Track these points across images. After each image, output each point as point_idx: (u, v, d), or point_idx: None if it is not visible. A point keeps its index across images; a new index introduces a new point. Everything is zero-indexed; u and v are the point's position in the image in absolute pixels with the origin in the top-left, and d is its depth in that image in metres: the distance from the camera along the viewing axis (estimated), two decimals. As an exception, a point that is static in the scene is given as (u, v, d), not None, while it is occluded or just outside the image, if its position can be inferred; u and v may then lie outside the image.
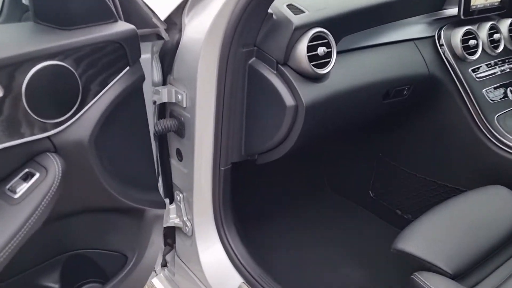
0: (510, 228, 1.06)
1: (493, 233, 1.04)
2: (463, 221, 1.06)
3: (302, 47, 0.99)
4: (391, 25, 1.23)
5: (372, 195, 1.62)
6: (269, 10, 0.99)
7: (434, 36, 1.31)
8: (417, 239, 1.00)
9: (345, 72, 1.10)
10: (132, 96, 0.88)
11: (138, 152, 0.95)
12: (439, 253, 0.96)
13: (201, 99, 1.01)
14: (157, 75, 1.07)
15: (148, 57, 0.99)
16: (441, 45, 1.30)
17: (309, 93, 1.01)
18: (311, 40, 0.99)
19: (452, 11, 1.30)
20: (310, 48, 0.99)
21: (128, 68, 0.85)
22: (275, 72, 1.01)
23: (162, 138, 1.15)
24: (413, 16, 1.27)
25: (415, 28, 1.29)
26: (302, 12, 1.01)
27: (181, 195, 1.20)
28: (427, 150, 1.44)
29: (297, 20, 0.98)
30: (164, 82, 1.08)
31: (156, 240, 1.03)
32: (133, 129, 0.93)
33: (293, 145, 1.05)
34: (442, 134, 1.37)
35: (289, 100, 1.00)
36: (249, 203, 1.50)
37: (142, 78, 0.89)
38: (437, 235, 1.01)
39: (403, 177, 1.51)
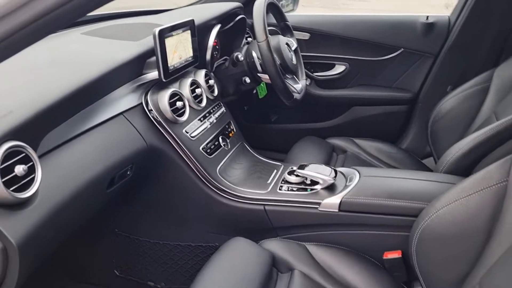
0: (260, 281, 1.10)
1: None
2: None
3: (-10, 171, 0.76)
4: (97, 104, 1.10)
5: (118, 273, 1.48)
6: None
7: (142, 103, 1.25)
8: None
9: (58, 177, 0.92)
10: None
11: None
12: None
13: None
14: None
15: None
16: (150, 110, 1.25)
17: (16, 227, 0.79)
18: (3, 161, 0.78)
19: (153, 74, 1.26)
20: (4, 170, 0.78)
21: None
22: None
23: None
24: (116, 89, 1.16)
25: (121, 101, 1.20)
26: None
27: None
28: (163, 215, 1.39)
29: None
30: None
31: None
32: None
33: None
34: (175, 198, 1.35)
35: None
36: None
37: None
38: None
39: (146, 247, 1.43)
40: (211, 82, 1.50)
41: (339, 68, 2.12)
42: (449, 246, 1.05)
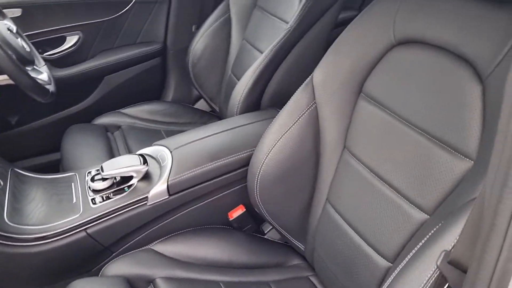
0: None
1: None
2: None
3: None
4: None
5: None
6: None
7: None
8: None
9: None
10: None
11: None
12: None
13: None
14: None
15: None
16: None
17: None
18: None
19: None
20: None
21: None
22: None
23: None
24: None
25: None
26: None
27: None
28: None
29: None
30: None
31: None
32: None
33: None
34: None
35: None
36: None
37: None
38: None
39: None
40: None
41: (71, 40, 1.82)
42: (288, 180, 1.08)
